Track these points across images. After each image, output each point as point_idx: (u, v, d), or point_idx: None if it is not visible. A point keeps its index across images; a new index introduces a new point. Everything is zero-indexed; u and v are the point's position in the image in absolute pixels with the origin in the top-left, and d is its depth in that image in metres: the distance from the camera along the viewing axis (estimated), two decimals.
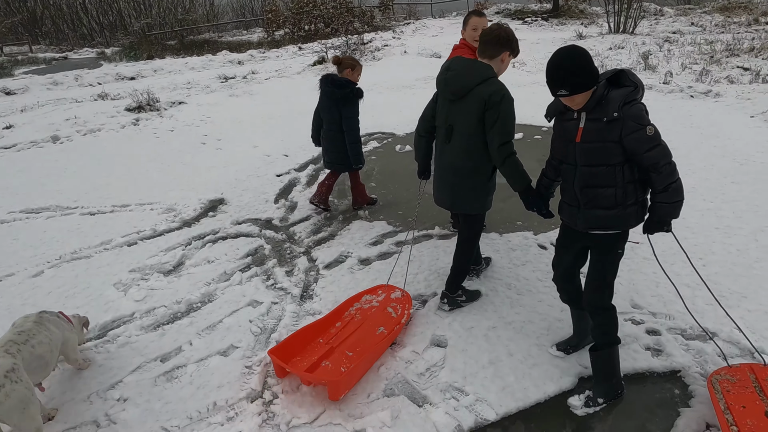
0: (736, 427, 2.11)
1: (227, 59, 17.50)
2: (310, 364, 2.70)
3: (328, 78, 4.32)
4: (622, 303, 3.15)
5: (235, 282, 3.68)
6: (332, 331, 3.03)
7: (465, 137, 2.82)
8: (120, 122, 8.08)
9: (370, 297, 3.34)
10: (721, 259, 3.54)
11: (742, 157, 5.26)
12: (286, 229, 4.49)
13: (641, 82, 2.21)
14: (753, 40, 12.00)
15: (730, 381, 2.35)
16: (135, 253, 4.17)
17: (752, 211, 4.17)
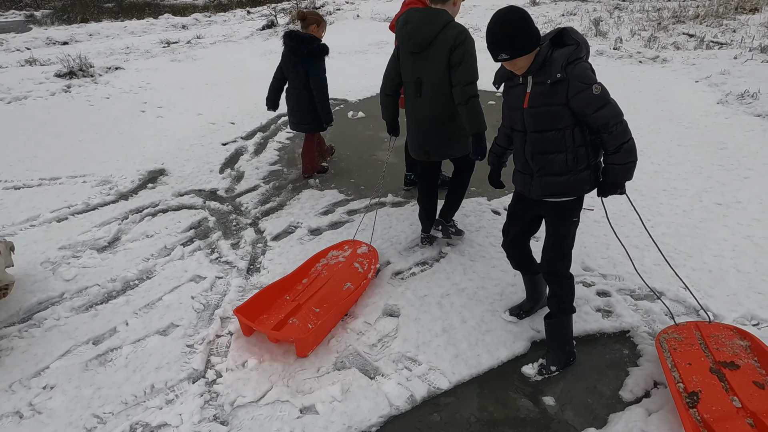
0: (682, 384, 2.13)
1: (170, 23, 16.55)
2: (277, 322, 2.69)
3: (291, 34, 4.13)
4: (573, 266, 3.08)
5: (176, 257, 3.46)
6: (299, 287, 3.01)
7: (435, 87, 2.84)
8: (49, 89, 7.46)
9: (336, 252, 3.32)
10: (668, 220, 3.60)
11: (688, 121, 5.37)
12: (232, 200, 4.26)
13: (584, 40, 2.09)
14: (698, 8, 12.28)
15: (677, 339, 2.37)
16: (65, 230, 3.85)
17: (696, 173, 4.26)
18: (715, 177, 4.16)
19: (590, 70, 2.04)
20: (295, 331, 2.64)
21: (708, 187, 4.01)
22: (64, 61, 8.34)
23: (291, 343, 2.59)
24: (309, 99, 4.19)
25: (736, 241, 3.32)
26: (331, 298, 2.89)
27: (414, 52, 2.82)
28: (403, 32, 2.82)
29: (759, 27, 9.18)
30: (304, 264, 3.16)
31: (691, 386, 2.11)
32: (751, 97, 5.61)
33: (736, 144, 4.72)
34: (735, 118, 5.32)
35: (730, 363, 2.20)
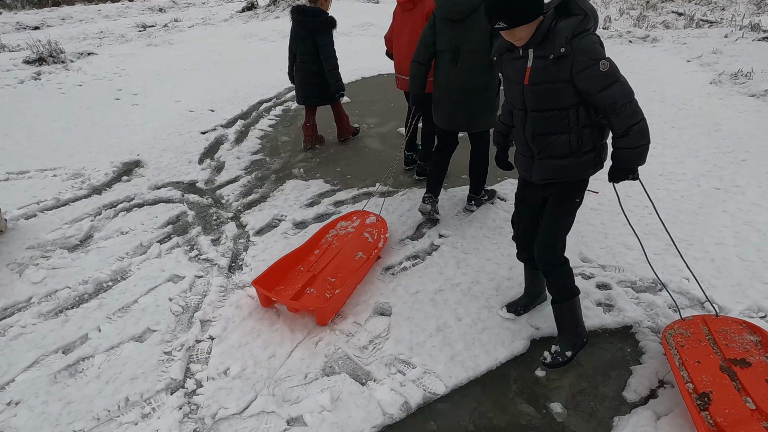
0: (692, 384, 2.02)
1: (146, 6, 16.03)
2: (295, 292, 2.73)
3: (299, 8, 4.23)
4: (571, 257, 2.96)
5: (152, 255, 3.26)
6: (311, 258, 3.06)
7: (474, 56, 2.86)
8: (17, 77, 7.09)
9: (345, 223, 3.36)
10: (667, 207, 3.48)
11: (681, 102, 5.24)
12: (212, 193, 4.05)
13: (593, 8, 1.89)
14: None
15: (684, 335, 2.25)
16: (33, 228, 3.62)
17: (693, 156, 4.14)
18: (712, 160, 4.05)
19: (598, 44, 1.85)
20: (314, 301, 2.70)
21: (705, 171, 3.90)
22: (34, 46, 7.95)
23: (311, 313, 2.64)
24: (318, 72, 4.26)
25: (737, 228, 3.21)
26: (344, 268, 2.94)
27: (455, 20, 2.80)
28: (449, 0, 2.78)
29: (748, 5, 9.07)
30: (315, 235, 3.21)
31: (702, 386, 1.99)
32: (745, 76, 5.50)
33: (732, 126, 4.61)
34: (729, 98, 5.20)
35: (741, 360, 2.09)
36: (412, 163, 4.28)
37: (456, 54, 2.90)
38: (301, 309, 2.66)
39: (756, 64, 5.81)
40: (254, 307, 2.75)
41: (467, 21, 2.79)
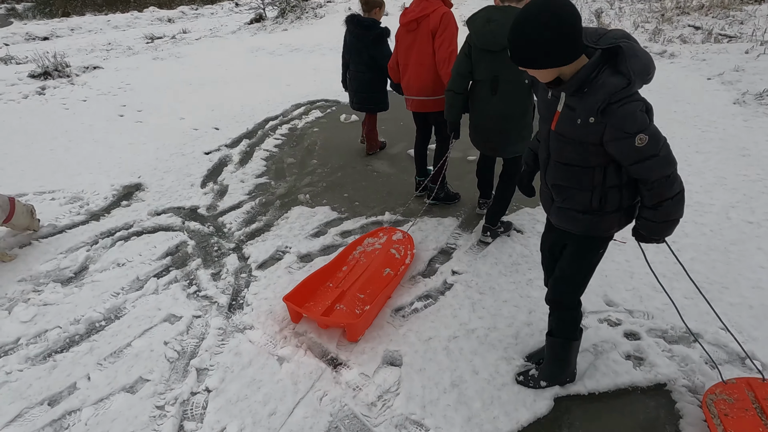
0: None
1: (155, 16, 16.02)
2: (325, 308, 2.74)
3: (354, 19, 4.29)
4: (595, 300, 2.81)
5: (149, 291, 3.08)
6: (339, 275, 3.06)
7: (513, 85, 2.86)
8: (22, 91, 7.01)
9: (372, 240, 3.37)
10: (696, 242, 3.26)
11: (704, 124, 5.02)
12: (214, 220, 3.88)
13: (643, 66, 1.53)
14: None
15: (727, 401, 2.04)
16: (28, 257, 3.47)
17: (720, 185, 3.92)
18: (741, 189, 3.82)
19: (641, 111, 1.54)
20: (344, 317, 2.70)
21: (735, 202, 3.67)
22: (39, 59, 7.88)
23: (341, 328, 2.65)
24: (372, 80, 4.31)
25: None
26: (373, 284, 2.94)
27: (494, 50, 2.79)
28: (486, 30, 2.78)
29: (767, 19, 8.81)
30: (342, 252, 3.22)
31: None
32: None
33: (760, 151, 4.38)
34: (755, 120, 4.97)
35: None
36: (424, 189, 4.06)
37: (495, 83, 2.89)
38: (332, 325, 2.67)
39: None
40: (255, 354, 2.56)
41: (506, 52, 2.64)
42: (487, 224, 3.42)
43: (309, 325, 2.74)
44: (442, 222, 3.68)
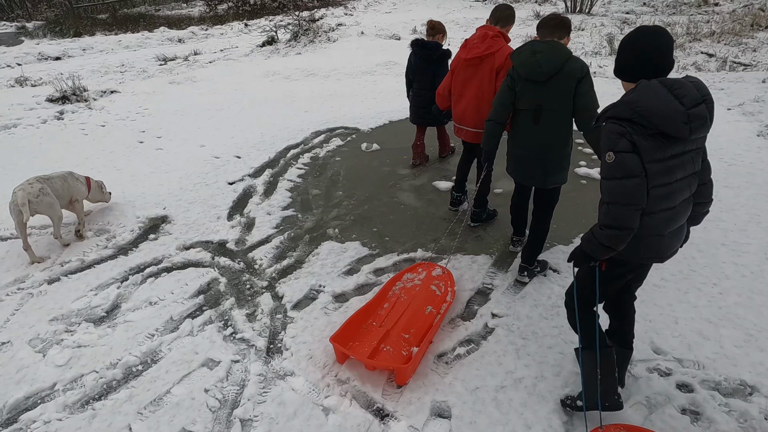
0: None
1: (166, 36, 16.14)
2: (371, 349, 2.72)
3: (419, 42, 4.79)
4: (641, 347, 2.76)
5: (184, 332, 3.04)
6: (381, 312, 3.06)
7: (555, 115, 2.96)
8: (41, 116, 7.02)
9: (411, 275, 3.37)
10: (737, 285, 3.21)
11: (729, 157, 5.01)
12: (244, 255, 3.84)
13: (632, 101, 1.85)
14: (708, 23, 12.01)
15: None
16: (57, 294, 3.43)
17: (755, 223, 3.89)
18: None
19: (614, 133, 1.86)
20: (392, 360, 2.69)
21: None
22: (57, 83, 7.91)
23: (390, 371, 2.66)
24: (432, 98, 4.44)
25: None
26: (416, 323, 2.94)
27: (538, 80, 2.90)
28: (532, 61, 2.88)
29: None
30: (383, 288, 3.23)
31: None
32: None
33: None
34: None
35: None
36: (459, 204, 4.36)
37: (537, 113, 2.98)
38: (380, 368, 2.66)
39: None
40: (299, 404, 2.51)
41: (550, 82, 2.88)
42: (524, 264, 3.39)
43: (352, 371, 2.69)
44: (476, 260, 3.65)
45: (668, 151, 1.84)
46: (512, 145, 3.22)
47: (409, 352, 2.72)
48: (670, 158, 1.85)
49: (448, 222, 4.19)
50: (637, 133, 1.81)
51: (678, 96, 1.76)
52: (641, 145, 1.80)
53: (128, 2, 23.61)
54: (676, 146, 1.84)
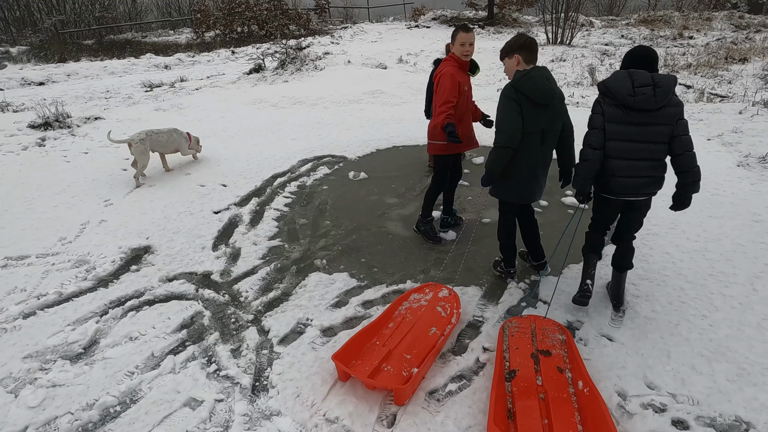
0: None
1: (152, 63, 16.17)
2: (372, 369, 2.76)
3: (439, 61, 4.74)
4: (635, 382, 2.73)
5: (166, 370, 2.92)
6: (385, 332, 3.10)
7: (554, 135, 3.26)
8: (21, 143, 6.90)
9: (418, 296, 3.43)
10: (727, 317, 3.21)
11: (712, 187, 5.08)
12: (229, 287, 3.75)
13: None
14: (684, 56, 12.41)
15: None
16: (33, 329, 3.29)
17: (740, 253, 3.92)
18: (762, 258, 3.83)
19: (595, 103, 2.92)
20: (392, 380, 2.71)
21: (758, 272, 3.66)
22: (39, 109, 7.81)
23: (389, 391, 2.67)
24: None
25: None
26: (419, 344, 2.97)
27: (545, 104, 3.10)
28: (548, 87, 3.08)
29: (754, 79, 9.19)
30: (389, 307, 3.28)
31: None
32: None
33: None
34: (762, 184, 5.06)
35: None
36: (448, 226, 4.54)
37: (544, 134, 3.19)
38: (379, 387, 2.67)
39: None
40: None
41: (553, 105, 3.15)
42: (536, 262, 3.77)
43: (340, 409, 2.60)
44: (466, 291, 3.60)
45: (628, 118, 2.78)
46: (519, 167, 3.23)
47: (410, 373, 2.73)
48: (629, 124, 2.78)
49: (437, 252, 4.15)
50: (606, 103, 2.83)
51: (632, 80, 2.72)
52: (606, 110, 2.83)
53: (115, 29, 23.69)
54: (637, 117, 2.76)
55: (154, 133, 5.66)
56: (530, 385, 2.61)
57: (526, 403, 2.49)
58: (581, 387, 2.58)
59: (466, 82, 3.89)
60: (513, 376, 2.67)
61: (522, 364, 2.75)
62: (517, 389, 2.59)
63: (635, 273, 3.66)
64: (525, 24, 22.68)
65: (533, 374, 2.68)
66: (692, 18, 20.91)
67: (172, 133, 5.88)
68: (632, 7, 30.96)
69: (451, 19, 23.57)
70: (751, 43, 13.69)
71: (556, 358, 2.78)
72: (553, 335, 2.96)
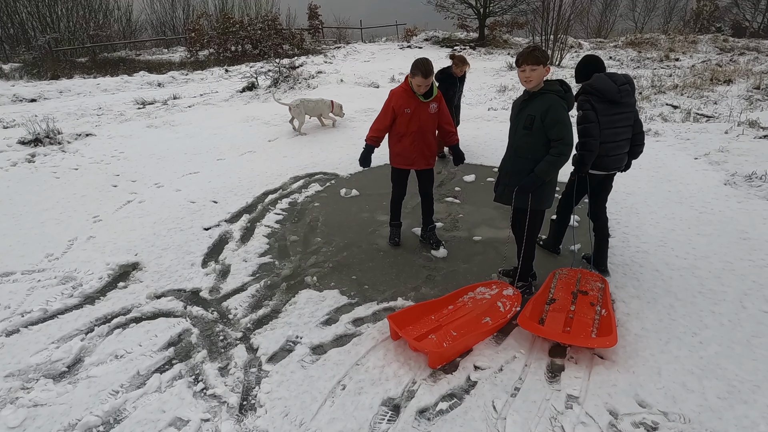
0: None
1: (145, 80, 16.20)
2: (419, 335, 3.14)
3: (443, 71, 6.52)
4: (626, 400, 2.71)
5: (152, 388, 2.86)
6: (444, 311, 3.43)
7: None
8: (10, 159, 6.84)
9: (483, 289, 3.68)
10: (717, 335, 3.21)
11: (700, 205, 5.14)
12: (218, 304, 3.70)
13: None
14: (671, 77, 12.65)
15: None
16: (15, 347, 3.22)
17: (729, 271, 3.94)
18: (750, 276, 3.85)
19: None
20: (431, 345, 3.05)
21: (747, 290, 3.68)
22: (30, 125, 7.78)
23: (426, 354, 2.98)
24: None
25: None
26: (468, 327, 3.25)
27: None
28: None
29: (739, 99, 9.37)
30: (454, 293, 3.60)
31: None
32: (760, 179, 5.47)
33: (759, 234, 4.47)
34: (748, 202, 5.12)
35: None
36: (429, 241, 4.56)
37: None
38: (419, 349, 3.01)
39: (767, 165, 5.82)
40: None
41: None
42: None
43: (330, 428, 2.55)
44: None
45: (613, 110, 3.49)
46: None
47: (449, 345, 3.03)
48: (613, 114, 3.50)
49: (428, 269, 4.14)
50: (594, 100, 3.47)
51: (613, 80, 3.46)
52: (596, 106, 3.46)
53: (109, 47, 23.78)
54: (617, 108, 3.50)
55: (305, 101, 8.14)
56: (564, 308, 3.38)
57: (556, 315, 3.31)
58: (602, 312, 3.36)
59: (410, 105, 4.01)
60: (553, 301, 3.46)
61: (562, 296, 3.50)
62: (552, 309, 3.38)
63: (626, 291, 3.67)
64: (515, 45, 23.06)
65: (569, 303, 3.45)
66: (678, 41, 21.37)
67: (319, 102, 8.26)
68: (620, 30, 31.68)
69: (443, 40, 23.92)
70: (736, 65, 14.00)
71: (591, 297, 3.50)
72: (593, 282, 3.67)
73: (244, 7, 30.19)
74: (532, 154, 3.32)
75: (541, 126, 3.23)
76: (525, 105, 3.35)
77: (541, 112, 3.20)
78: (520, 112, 3.37)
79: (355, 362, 3.04)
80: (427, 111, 4.06)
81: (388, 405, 2.73)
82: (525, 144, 3.34)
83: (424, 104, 4.04)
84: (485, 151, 7.28)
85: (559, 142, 3.20)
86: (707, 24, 29.27)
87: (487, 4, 23.54)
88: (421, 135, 4.11)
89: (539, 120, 3.22)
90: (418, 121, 4.06)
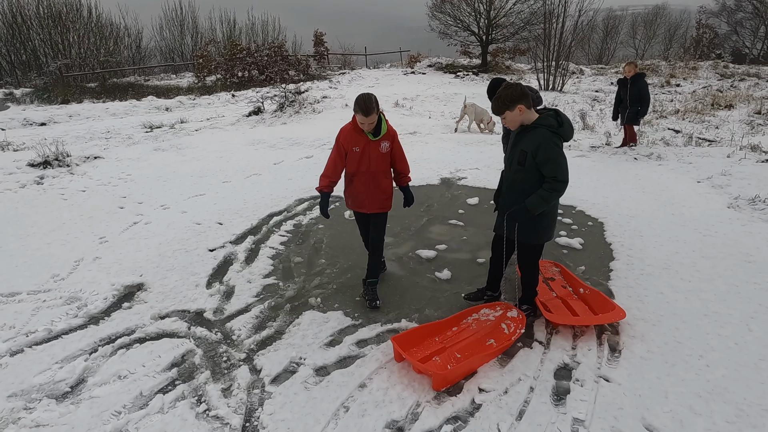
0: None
1: (153, 105, 16.47)
2: (423, 357, 3.17)
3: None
4: (633, 423, 2.68)
5: (154, 409, 2.85)
6: (448, 333, 3.45)
7: None
8: (20, 180, 6.94)
9: (488, 311, 3.68)
10: (723, 357, 3.18)
11: (703, 228, 5.14)
12: (222, 325, 3.70)
13: None
14: (672, 102, 12.78)
15: None
16: (19, 367, 3.23)
17: (734, 293, 3.93)
18: (756, 299, 3.83)
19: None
20: (435, 367, 3.06)
21: (753, 312, 3.66)
22: (39, 148, 7.91)
23: (429, 377, 2.97)
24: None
25: None
26: (473, 349, 3.27)
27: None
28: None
29: (740, 124, 9.45)
30: (458, 314, 3.59)
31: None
32: (764, 202, 5.48)
33: (764, 257, 4.46)
34: (752, 225, 5.12)
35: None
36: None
37: None
38: (423, 371, 3.01)
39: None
40: None
41: None
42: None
43: None
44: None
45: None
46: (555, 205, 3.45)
47: (454, 367, 3.04)
48: None
49: (432, 291, 4.14)
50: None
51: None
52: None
53: (118, 72, 24.27)
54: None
55: (474, 105, 10.33)
56: (549, 296, 3.78)
57: (553, 302, 3.72)
58: (582, 291, 3.81)
59: (359, 144, 3.72)
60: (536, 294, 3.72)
61: (540, 287, 3.78)
62: (543, 299, 3.71)
63: (630, 313, 3.65)
64: (518, 71, 23.40)
65: (550, 291, 3.89)
66: (678, 67, 21.65)
67: (485, 110, 10.10)
68: (621, 57, 32.14)
69: (446, 66, 24.32)
70: (736, 91, 14.14)
71: (558, 281, 3.98)
72: (551, 268, 4.04)
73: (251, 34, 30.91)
74: (527, 188, 3.28)
75: (533, 163, 3.20)
76: (519, 138, 3.32)
77: (532, 149, 3.18)
78: (514, 146, 3.35)
79: (358, 384, 3.02)
80: (377, 150, 3.74)
81: (392, 427, 2.71)
82: (519, 179, 3.34)
83: (373, 143, 3.72)
84: (488, 174, 7.33)
85: (553, 179, 3.17)
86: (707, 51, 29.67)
87: (489, 32, 23.99)
88: (371, 176, 3.80)
89: (531, 157, 3.20)
90: (368, 160, 3.75)
